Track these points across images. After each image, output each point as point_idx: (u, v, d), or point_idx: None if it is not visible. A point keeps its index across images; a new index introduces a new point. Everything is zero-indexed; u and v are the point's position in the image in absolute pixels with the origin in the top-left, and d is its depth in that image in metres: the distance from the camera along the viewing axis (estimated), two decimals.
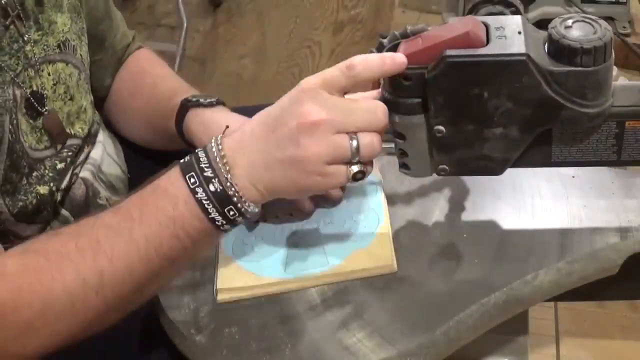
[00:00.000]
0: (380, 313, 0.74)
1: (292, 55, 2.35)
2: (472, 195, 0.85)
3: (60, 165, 0.88)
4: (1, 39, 0.81)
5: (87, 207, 0.92)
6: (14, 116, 0.81)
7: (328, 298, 0.76)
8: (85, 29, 0.95)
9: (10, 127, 0.80)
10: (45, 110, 0.86)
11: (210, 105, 0.92)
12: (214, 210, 0.67)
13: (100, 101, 1.02)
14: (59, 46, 0.89)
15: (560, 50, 0.67)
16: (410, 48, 0.69)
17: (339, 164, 0.68)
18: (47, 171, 0.86)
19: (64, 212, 0.89)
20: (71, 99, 0.90)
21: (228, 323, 0.75)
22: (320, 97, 0.68)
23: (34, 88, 0.85)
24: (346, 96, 0.71)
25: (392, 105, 0.71)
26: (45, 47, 0.86)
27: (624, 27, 1.85)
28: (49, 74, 0.87)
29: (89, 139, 0.94)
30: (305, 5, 2.52)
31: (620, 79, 0.71)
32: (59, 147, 0.88)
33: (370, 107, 0.69)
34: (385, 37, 0.72)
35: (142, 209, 0.68)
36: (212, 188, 0.67)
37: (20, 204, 0.83)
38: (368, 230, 0.80)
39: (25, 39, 0.83)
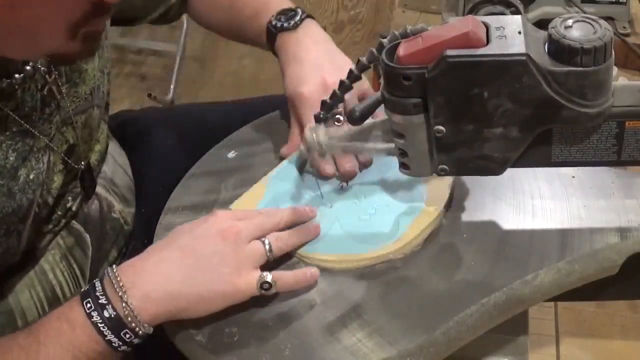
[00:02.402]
0: (380, 313, 0.74)
1: None
2: (472, 195, 0.85)
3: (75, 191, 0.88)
4: (37, 109, 0.78)
5: (102, 221, 0.91)
6: (45, 187, 0.80)
7: (328, 298, 0.76)
8: (110, 57, 0.93)
9: (40, 200, 0.79)
10: (80, 165, 0.86)
11: (295, 26, 0.93)
12: (110, 333, 0.71)
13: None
14: (91, 93, 0.87)
15: (560, 50, 0.66)
16: (410, 48, 0.69)
17: (255, 269, 0.75)
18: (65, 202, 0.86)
19: (76, 225, 0.89)
20: (91, 137, 0.89)
21: (228, 323, 0.75)
22: (232, 216, 0.78)
23: (71, 142, 0.84)
24: None
25: (392, 105, 0.71)
26: (75, 98, 0.84)
27: (624, 27, 1.84)
28: (81, 124, 0.85)
29: (101, 164, 0.94)
30: (305, 5, 2.52)
31: (620, 79, 0.71)
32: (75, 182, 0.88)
33: (272, 212, 0.80)
34: (385, 37, 0.72)
35: (47, 331, 0.71)
36: (106, 314, 0.71)
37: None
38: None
39: (58, 98, 0.81)
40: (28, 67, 0.76)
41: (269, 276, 0.74)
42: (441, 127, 0.71)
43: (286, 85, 0.92)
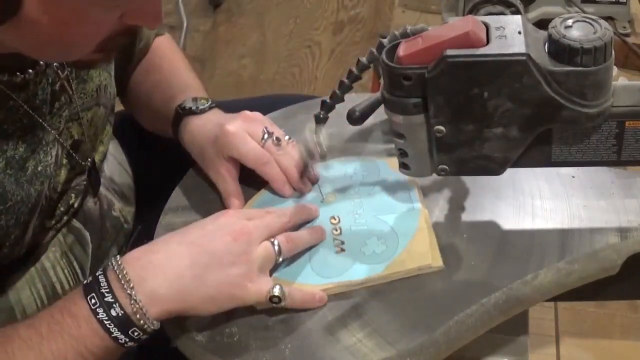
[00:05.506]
0: (380, 313, 0.74)
1: (292, 55, 2.35)
2: (472, 195, 0.85)
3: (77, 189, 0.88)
4: (47, 103, 0.79)
5: (102, 219, 0.91)
6: (52, 180, 0.80)
7: (328, 298, 0.76)
8: (114, 61, 0.94)
9: (47, 192, 0.80)
10: (86, 163, 0.86)
11: (202, 112, 0.91)
12: (117, 330, 0.69)
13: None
14: (97, 90, 0.88)
15: (560, 50, 0.67)
16: (410, 48, 0.69)
17: (265, 274, 0.74)
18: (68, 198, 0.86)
19: (76, 223, 0.88)
20: (96, 136, 0.90)
21: (228, 323, 0.75)
22: (242, 216, 0.77)
23: (76, 137, 0.84)
24: None
25: (392, 105, 0.71)
26: (82, 94, 0.85)
27: (624, 27, 1.84)
28: (87, 121, 0.86)
29: (103, 163, 0.94)
30: (305, 5, 2.52)
31: (620, 79, 0.71)
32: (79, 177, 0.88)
33: (280, 211, 0.80)
34: (385, 37, 0.72)
35: (50, 326, 0.70)
36: (113, 313, 0.69)
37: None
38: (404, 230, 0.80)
39: (70, 93, 0.83)
40: (41, 63, 0.78)
41: (277, 289, 0.73)
42: (441, 127, 0.71)
43: (202, 142, 0.89)
